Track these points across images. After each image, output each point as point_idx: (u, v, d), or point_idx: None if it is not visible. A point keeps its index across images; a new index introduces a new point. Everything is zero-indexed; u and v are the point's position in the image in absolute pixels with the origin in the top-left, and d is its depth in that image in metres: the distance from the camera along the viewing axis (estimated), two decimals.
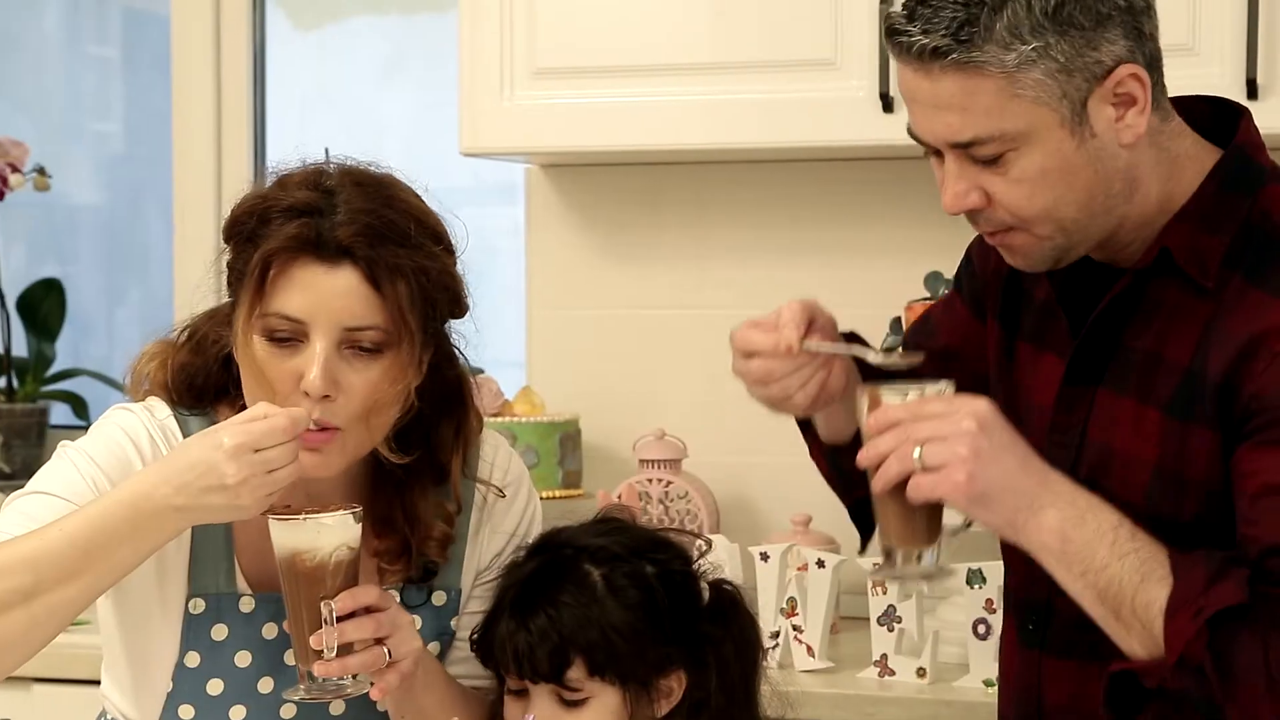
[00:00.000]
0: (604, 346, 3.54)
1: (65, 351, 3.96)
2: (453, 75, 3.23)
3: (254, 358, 1.84)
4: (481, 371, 3.49)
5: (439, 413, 1.96)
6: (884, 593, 2.85)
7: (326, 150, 1.95)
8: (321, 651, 1.80)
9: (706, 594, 2.01)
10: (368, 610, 1.83)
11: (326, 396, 1.82)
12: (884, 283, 3.34)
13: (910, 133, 1.87)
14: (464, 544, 2.03)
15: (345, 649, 1.81)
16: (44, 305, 3.91)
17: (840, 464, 2.09)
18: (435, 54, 3.94)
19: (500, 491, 2.04)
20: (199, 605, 1.94)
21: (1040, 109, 1.77)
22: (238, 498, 1.74)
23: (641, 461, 3.35)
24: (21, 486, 1.95)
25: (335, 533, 1.82)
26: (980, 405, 1.78)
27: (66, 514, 1.80)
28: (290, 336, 1.83)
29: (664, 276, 3.51)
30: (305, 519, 1.81)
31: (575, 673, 1.90)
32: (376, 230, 1.83)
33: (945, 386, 1.83)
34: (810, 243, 3.43)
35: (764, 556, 2.97)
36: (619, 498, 3.25)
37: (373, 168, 1.92)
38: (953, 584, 2.79)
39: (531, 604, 1.91)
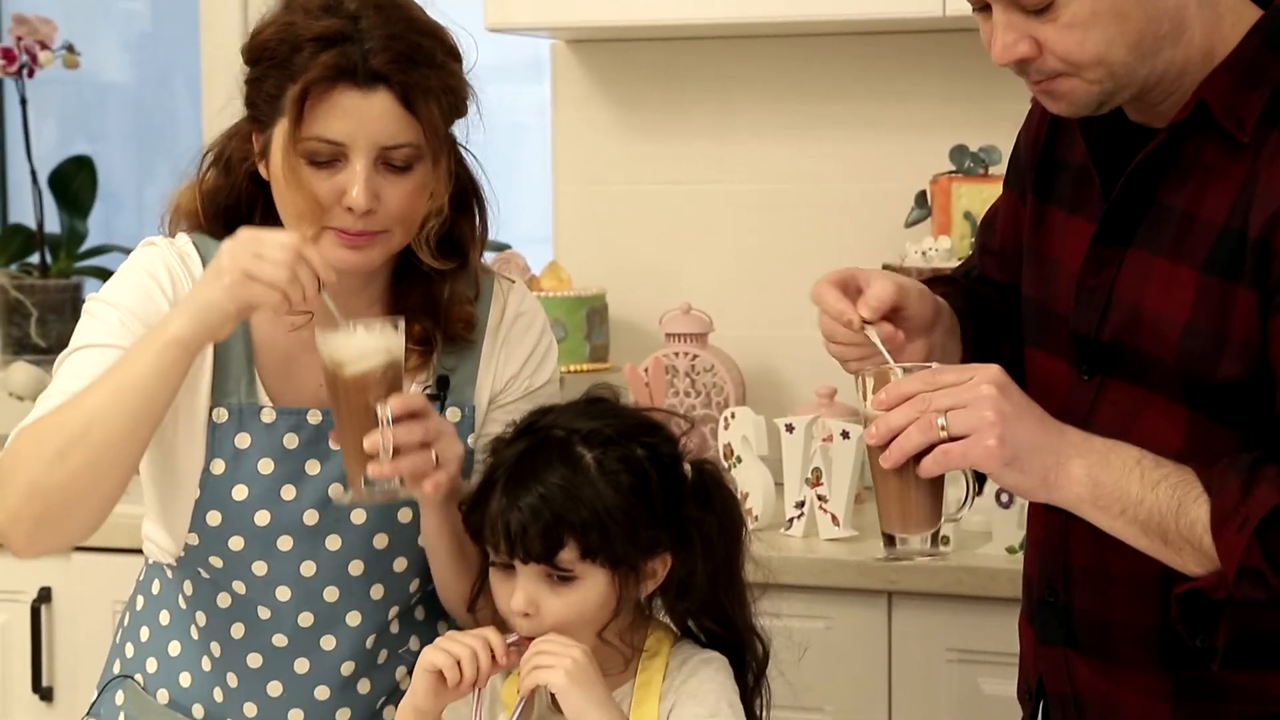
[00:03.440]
0: (630, 222, 3.56)
1: (97, 227, 3.99)
2: None
3: (295, 178, 1.94)
4: (509, 247, 3.52)
5: (456, 209, 2.06)
6: None
7: None
8: (373, 456, 1.88)
9: (689, 474, 2.00)
10: (413, 417, 1.90)
11: (369, 210, 1.94)
12: (909, 156, 3.35)
13: None
14: (477, 364, 2.11)
15: (395, 453, 1.89)
16: (75, 182, 3.93)
17: None
18: None
19: (511, 279, 2.16)
20: (222, 415, 2.02)
21: None
22: (220, 275, 1.85)
23: (668, 335, 3.38)
24: (56, 360, 2.04)
25: (380, 340, 1.89)
26: (993, 370, 1.78)
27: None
28: (330, 158, 1.94)
29: (690, 152, 3.52)
30: (353, 326, 1.89)
31: (567, 554, 1.89)
32: (407, 55, 1.94)
33: (939, 367, 1.83)
34: (836, 117, 3.43)
35: (789, 428, 3.00)
36: (645, 371, 3.28)
37: None
38: None
39: (524, 483, 1.91)
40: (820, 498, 2.95)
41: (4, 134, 4.19)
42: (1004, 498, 2.82)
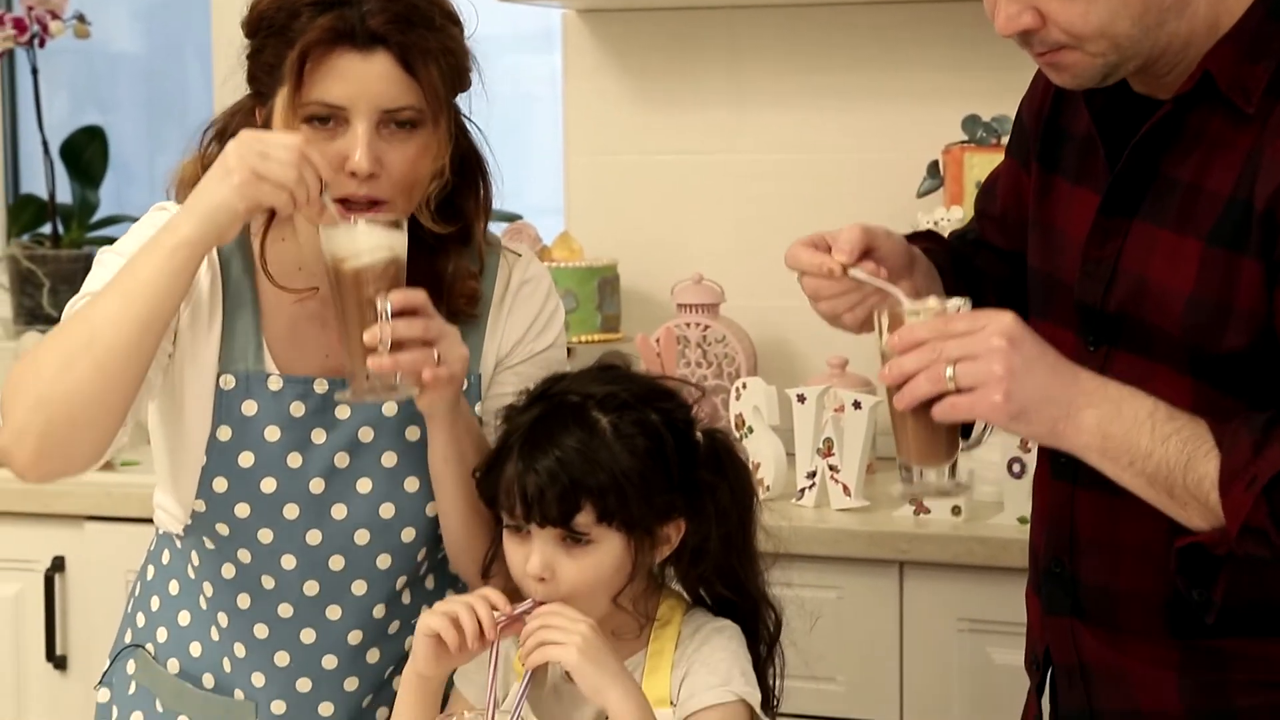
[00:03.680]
0: (642, 192, 3.55)
1: (108, 198, 3.99)
2: None
3: None
4: (520, 218, 3.52)
5: (460, 181, 2.06)
6: None
7: None
8: (373, 350, 1.88)
9: (701, 441, 2.01)
10: (415, 314, 1.91)
11: (372, 175, 1.93)
12: (921, 126, 3.34)
13: None
14: (483, 335, 2.11)
15: (396, 348, 1.89)
16: (87, 152, 3.94)
17: None
18: None
19: (517, 253, 2.15)
20: (229, 381, 2.03)
21: None
22: (229, 175, 1.85)
23: (679, 306, 3.38)
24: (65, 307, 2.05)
25: (381, 236, 1.90)
26: (1006, 319, 1.78)
27: None
28: (331, 122, 1.94)
29: (702, 122, 3.51)
30: (354, 221, 1.90)
31: (584, 518, 1.90)
32: (405, 17, 1.93)
33: (963, 304, 1.82)
34: (848, 87, 3.42)
35: (801, 398, 3.00)
36: (657, 341, 3.28)
37: None
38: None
39: (540, 447, 1.91)
40: (832, 468, 2.95)
41: (15, 104, 4.19)
42: (1015, 468, 2.83)
